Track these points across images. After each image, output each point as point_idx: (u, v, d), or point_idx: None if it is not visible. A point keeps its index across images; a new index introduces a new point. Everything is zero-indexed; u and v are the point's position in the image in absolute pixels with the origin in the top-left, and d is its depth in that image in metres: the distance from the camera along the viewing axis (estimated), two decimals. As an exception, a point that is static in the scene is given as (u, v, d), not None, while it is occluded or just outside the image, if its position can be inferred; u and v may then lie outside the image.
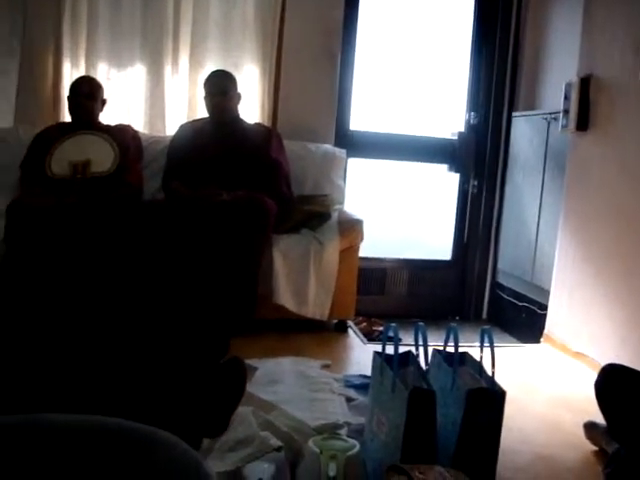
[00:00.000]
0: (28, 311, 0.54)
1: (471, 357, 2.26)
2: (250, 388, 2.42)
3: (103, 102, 4.16)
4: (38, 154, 4.00)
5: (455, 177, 5.04)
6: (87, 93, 4.06)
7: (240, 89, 4.15)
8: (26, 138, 4.14)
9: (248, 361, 2.69)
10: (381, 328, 4.17)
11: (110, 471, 0.55)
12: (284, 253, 3.84)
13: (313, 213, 4.04)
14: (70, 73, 4.34)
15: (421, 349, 2.17)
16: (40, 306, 0.54)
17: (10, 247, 0.68)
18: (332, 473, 1.89)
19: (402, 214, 5.11)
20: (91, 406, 0.58)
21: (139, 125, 4.39)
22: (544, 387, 3.35)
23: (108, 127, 4.14)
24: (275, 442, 1.98)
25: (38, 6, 4.32)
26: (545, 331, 4.10)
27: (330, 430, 2.28)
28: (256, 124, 4.28)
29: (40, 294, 0.50)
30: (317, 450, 1.94)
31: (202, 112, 4.25)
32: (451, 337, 2.18)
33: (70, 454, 0.55)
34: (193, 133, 4.13)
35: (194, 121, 4.25)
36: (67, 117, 4.24)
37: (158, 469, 0.56)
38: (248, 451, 1.90)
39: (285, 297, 3.83)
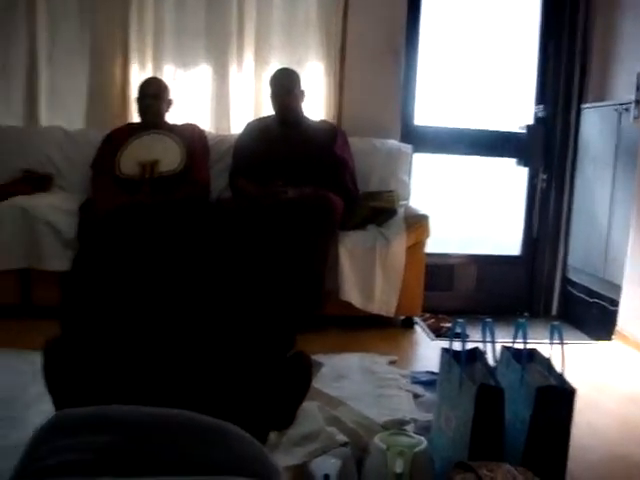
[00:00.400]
0: (102, 304, 0.56)
1: (540, 354, 2.21)
2: (316, 384, 2.43)
3: (169, 102, 4.23)
4: (108, 154, 4.09)
5: (524, 171, 4.95)
6: (154, 94, 4.13)
7: (304, 87, 4.17)
8: (96, 139, 4.25)
9: (314, 357, 2.70)
10: (448, 325, 4.13)
11: (180, 462, 0.55)
12: (350, 249, 3.84)
13: (379, 209, 4.03)
14: (138, 75, 4.43)
15: (489, 346, 2.13)
16: (112, 299, 0.55)
17: (83, 245, 0.70)
18: (399, 470, 1.88)
19: (469, 209, 5.05)
20: (161, 398, 0.58)
21: (205, 124, 4.44)
22: (616, 385, 3.27)
23: (175, 127, 4.20)
24: (341, 438, 1.98)
25: (106, 11, 4.43)
26: (617, 328, 4.00)
27: (397, 426, 2.27)
28: (321, 121, 4.28)
29: (113, 289, 0.51)
30: (384, 446, 1.93)
31: (267, 110, 4.28)
32: (520, 333, 2.14)
33: (140, 446, 0.55)
34: (259, 131, 4.16)
35: (260, 119, 4.28)
36: (135, 118, 4.32)
37: (227, 461, 0.56)
38: (314, 446, 1.91)
39: (351, 293, 3.83)
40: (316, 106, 4.48)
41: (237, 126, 4.41)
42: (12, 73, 4.53)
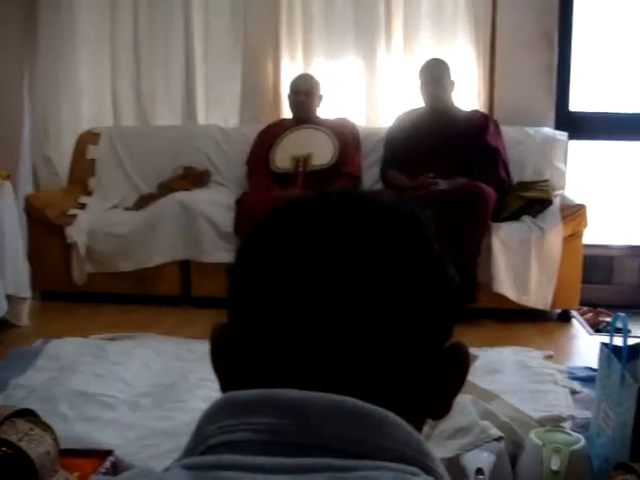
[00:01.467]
0: (265, 293, 0.58)
1: None
2: (470, 377, 2.40)
3: (320, 98, 4.30)
4: (262, 150, 4.23)
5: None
6: (305, 90, 4.21)
7: (454, 76, 4.11)
8: (250, 136, 4.39)
9: (471, 350, 2.67)
10: (608, 319, 3.96)
11: (342, 447, 0.57)
12: (504, 241, 3.76)
13: (533, 199, 3.92)
14: (289, 71, 4.53)
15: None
16: (275, 288, 0.57)
17: (246, 236, 0.73)
18: (555, 467, 1.83)
19: (631, 198, 4.80)
20: (321, 383, 0.60)
21: (356, 118, 4.48)
22: None
23: (327, 121, 4.27)
24: (495, 432, 1.95)
25: (257, 12, 4.56)
26: None
27: (553, 423, 2.21)
28: (472, 111, 4.21)
29: (275, 279, 0.53)
30: (539, 442, 1.89)
31: (418, 102, 4.25)
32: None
33: (303, 429, 0.58)
34: (409, 123, 4.15)
35: (410, 111, 4.27)
36: (287, 113, 4.42)
37: (387, 448, 0.58)
38: (467, 439, 1.89)
39: (505, 286, 3.75)
40: (467, 96, 4.41)
41: (388, 119, 4.42)
42: (171, 74, 4.76)
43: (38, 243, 4.22)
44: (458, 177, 3.83)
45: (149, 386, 2.66)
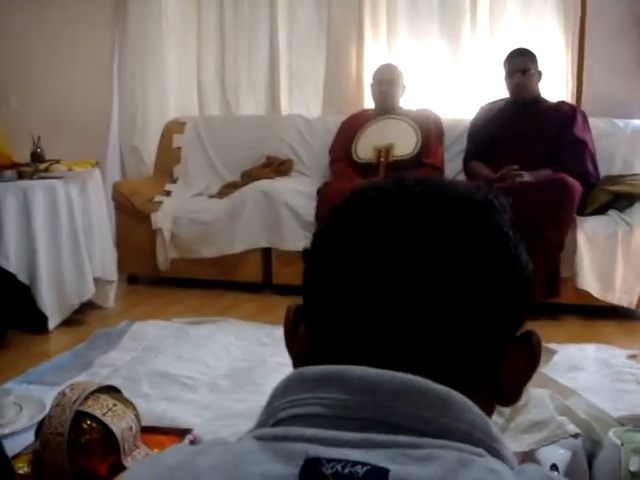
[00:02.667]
0: (336, 277, 0.59)
1: None
2: (548, 371, 2.36)
3: (404, 88, 4.28)
4: (345, 140, 4.24)
5: None
6: (389, 80, 4.20)
7: (541, 66, 4.03)
8: (333, 125, 4.42)
9: (548, 345, 2.63)
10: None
11: (410, 424, 0.58)
12: (589, 236, 3.67)
13: (621, 193, 3.81)
14: (372, 61, 4.52)
15: None
16: (346, 272, 0.58)
17: (321, 222, 0.74)
18: (634, 468, 1.79)
19: None
20: (392, 363, 0.62)
21: (439, 108, 4.44)
22: None
23: (409, 111, 4.25)
24: (572, 428, 1.91)
25: (340, 3, 4.58)
26: None
27: (634, 423, 2.16)
28: (559, 102, 4.12)
29: (348, 263, 0.53)
30: (618, 442, 1.85)
31: (502, 90, 4.18)
32: None
33: (371, 405, 0.59)
34: (493, 114, 4.09)
35: (494, 102, 4.21)
36: (370, 104, 4.42)
37: (455, 429, 0.58)
38: (543, 434, 1.86)
39: (589, 281, 3.66)
40: (554, 86, 4.32)
41: (471, 109, 4.36)
42: (255, 64, 4.84)
43: (125, 229, 4.35)
44: (543, 169, 3.76)
45: (228, 369, 2.72)
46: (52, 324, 3.42)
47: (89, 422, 1.70)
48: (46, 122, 4.18)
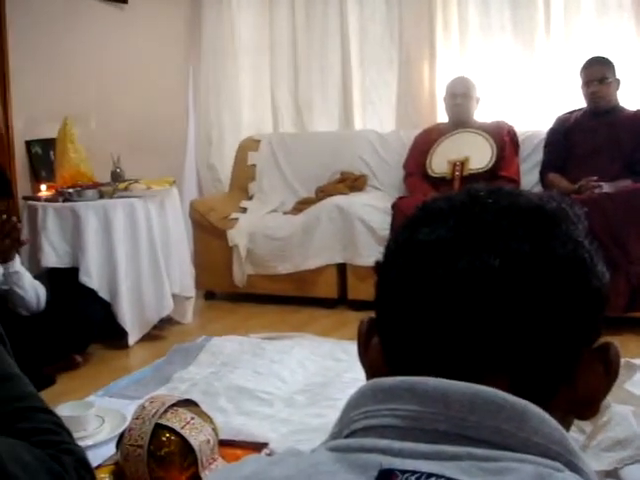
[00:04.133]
0: (407, 290, 0.59)
1: None
2: (632, 388, 2.29)
3: (477, 100, 4.25)
4: (419, 154, 4.23)
5: None
6: (462, 93, 4.17)
7: (619, 74, 3.93)
8: (407, 140, 4.41)
9: (631, 360, 2.55)
10: None
11: (486, 437, 0.57)
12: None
13: None
14: (444, 74, 4.50)
15: None
16: (417, 285, 0.58)
17: (392, 234, 0.74)
18: None
19: None
20: (470, 374, 0.61)
21: (514, 119, 4.38)
22: None
23: (484, 124, 4.21)
24: (658, 446, 1.85)
25: (412, 15, 4.59)
26: None
27: None
28: (638, 110, 4.01)
29: (419, 276, 0.53)
30: None
31: (578, 102, 4.09)
32: None
33: (444, 417, 0.58)
34: (570, 124, 4.01)
35: (571, 112, 4.13)
36: (444, 117, 4.40)
37: (529, 440, 0.57)
38: (627, 453, 1.81)
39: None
40: (633, 94, 4.20)
41: (547, 120, 4.29)
42: (327, 80, 4.88)
43: (202, 246, 4.43)
44: (622, 180, 3.67)
45: (304, 384, 2.72)
46: (132, 339, 3.51)
47: (168, 435, 1.73)
48: (125, 142, 4.29)
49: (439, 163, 4.14)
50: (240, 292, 4.33)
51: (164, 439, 1.73)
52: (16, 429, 0.84)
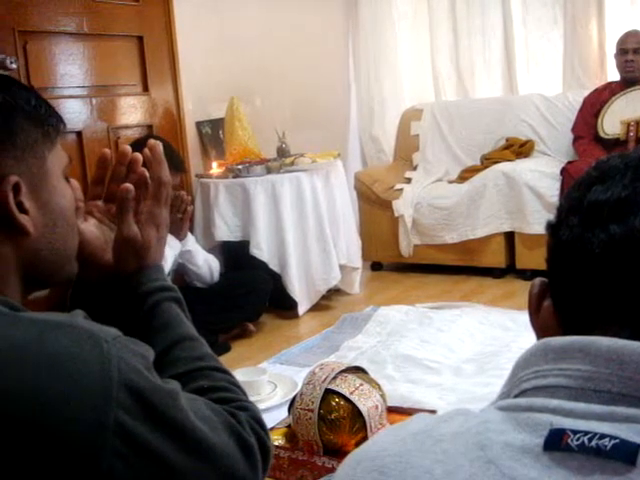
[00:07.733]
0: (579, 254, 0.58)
1: None
2: None
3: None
4: (589, 116, 4.05)
5: None
6: (635, 48, 3.93)
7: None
8: (575, 102, 4.23)
9: None
10: None
11: None
12: None
13: None
14: (615, 29, 4.26)
15: None
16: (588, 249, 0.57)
17: (562, 200, 0.70)
18: None
19: None
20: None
21: None
22: None
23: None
24: None
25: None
26: None
27: None
28: None
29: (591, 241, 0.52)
30: None
31: None
32: None
33: (622, 379, 0.57)
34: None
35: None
36: (615, 75, 4.17)
37: None
38: None
39: None
40: None
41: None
42: (489, 44, 4.75)
43: (367, 217, 4.47)
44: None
45: (472, 353, 2.70)
46: (302, 309, 3.61)
47: (337, 400, 1.77)
48: (289, 118, 4.39)
49: (611, 124, 3.94)
50: (406, 262, 4.34)
51: (334, 403, 1.77)
52: (197, 385, 0.89)
